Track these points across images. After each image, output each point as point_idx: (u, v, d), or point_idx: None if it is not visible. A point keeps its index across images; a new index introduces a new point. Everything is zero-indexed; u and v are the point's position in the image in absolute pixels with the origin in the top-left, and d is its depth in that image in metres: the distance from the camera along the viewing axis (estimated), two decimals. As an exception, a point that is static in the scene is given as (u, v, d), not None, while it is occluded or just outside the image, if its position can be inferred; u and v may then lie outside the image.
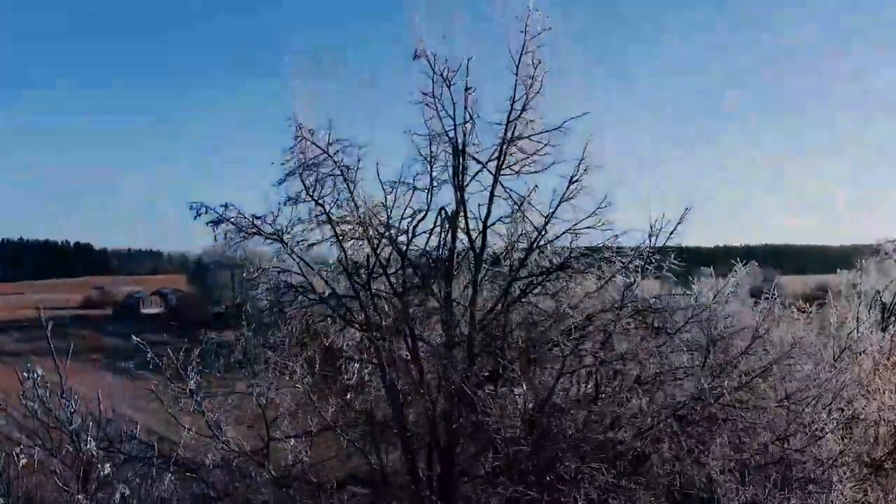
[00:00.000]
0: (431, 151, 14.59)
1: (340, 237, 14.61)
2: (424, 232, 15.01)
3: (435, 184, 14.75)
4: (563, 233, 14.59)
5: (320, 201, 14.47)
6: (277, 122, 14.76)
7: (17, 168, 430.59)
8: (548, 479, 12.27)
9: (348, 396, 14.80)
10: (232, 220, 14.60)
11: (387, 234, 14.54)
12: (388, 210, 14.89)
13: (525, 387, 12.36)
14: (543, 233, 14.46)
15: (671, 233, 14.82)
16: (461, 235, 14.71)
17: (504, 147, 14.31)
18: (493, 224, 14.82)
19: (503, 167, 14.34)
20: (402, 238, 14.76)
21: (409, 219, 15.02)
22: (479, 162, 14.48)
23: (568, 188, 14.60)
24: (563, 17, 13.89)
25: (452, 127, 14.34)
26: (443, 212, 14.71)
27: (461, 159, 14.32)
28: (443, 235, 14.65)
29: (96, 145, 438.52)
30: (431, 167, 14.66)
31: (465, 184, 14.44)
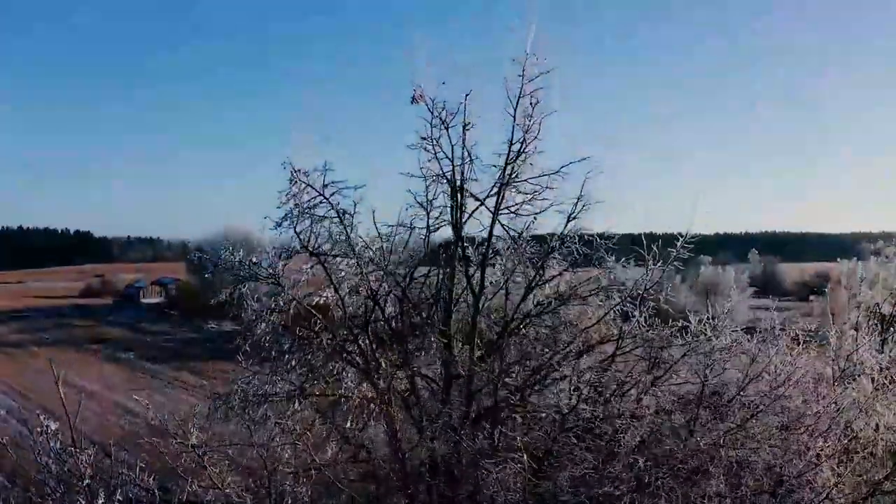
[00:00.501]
0: (428, 194, 14.66)
1: (337, 285, 14.67)
2: (422, 274, 15.07)
3: (433, 224, 14.80)
4: (562, 272, 14.65)
5: (315, 250, 14.54)
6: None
7: (18, 155, 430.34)
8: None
9: (348, 436, 14.87)
10: (229, 265, 14.70)
11: (385, 277, 14.58)
12: (386, 252, 14.94)
13: (520, 441, 12.39)
14: (541, 272, 14.52)
15: (672, 259, 14.91)
16: (459, 274, 14.76)
17: (502, 188, 14.36)
18: (491, 262, 14.87)
19: (501, 208, 14.39)
20: (401, 277, 14.79)
21: (408, 259, 15.09)
22: (477, 199, 14.51)
23: (566, 225, 14.71)
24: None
25: (451, 168, 14.38)
26: (441, 250, 14.79)
27: (459, 199, 14.37)
28: (441, 275, 14.72)
29: (100, 132, 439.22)
30: (429, 209, 14.72)
31: (464, 221, 14.49)
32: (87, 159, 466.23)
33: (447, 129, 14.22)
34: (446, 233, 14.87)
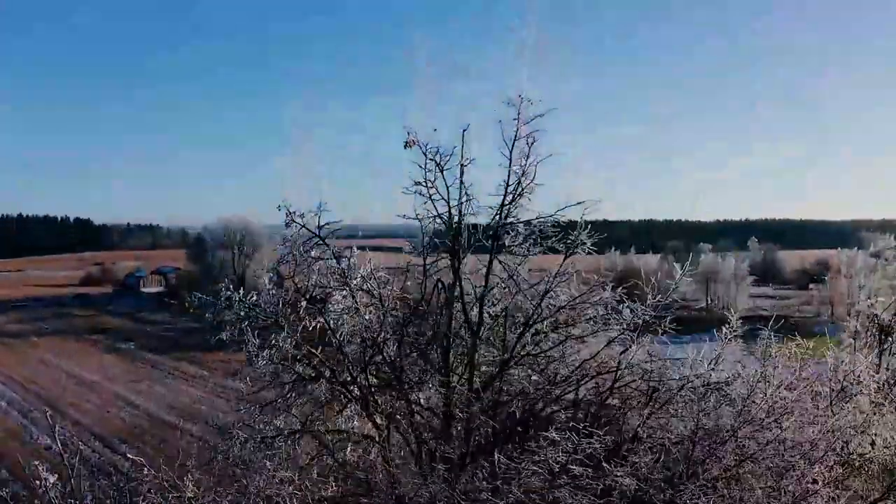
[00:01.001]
0: (424, 238, 14.61)
1: (335, 329, 14.62)
2: (421, 312, 15.00)
3: (430, 266, 14.72)
4: (559, 308, 14.54)
5: (313, 295, 14.50)
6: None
7: (18, 155, 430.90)
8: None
9: (349, 471, 14.83)
10: (232, 309, 14.66)
11: (384, 318, 14.50)
12: (385, 294, 14.88)
13: (520, 479, 12.32)
14: (539, 309, 14.44)
15: (673, 289, 14.88)
16: (458, 310, 14.72)
17: (498, 230, 14.27)
18: (489, 299, 14.82)
19: (498, 247, 14.32)
20: (399, 317, 14.75)
21: (406, 299, 15.02)
22: (475, 232, 14.43)
23: (563, 263, 14.69)
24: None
25: (447, 209, 14.29)
26: (439, 285, 14.69)
27: (456, 237, 14.28)
28: (439, 313, 14.64)
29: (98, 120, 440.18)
30: (425, 254, 14.65)
31: (462, 258, 14.39)
32: (87, 159, 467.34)
33: (442, 171, 14.09)
34: (444, 263, 14.76)
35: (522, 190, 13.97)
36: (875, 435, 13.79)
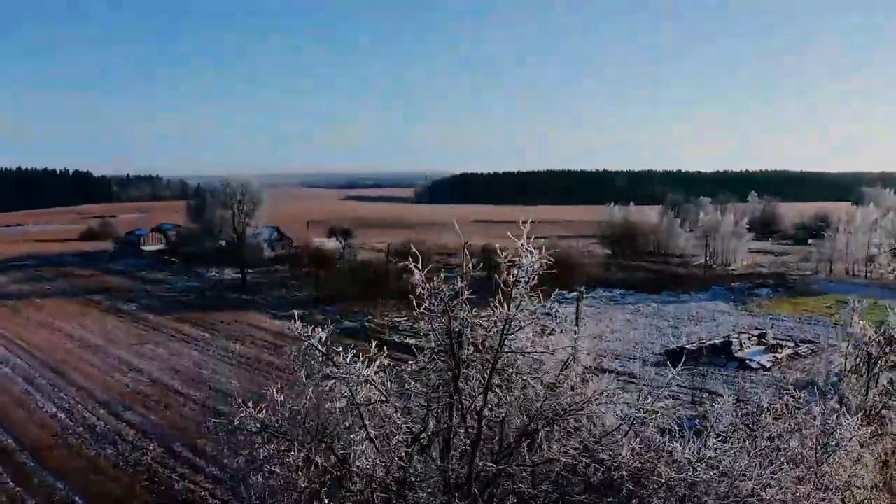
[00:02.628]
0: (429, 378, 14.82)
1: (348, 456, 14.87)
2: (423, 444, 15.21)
3: (432, 397, 14.86)
4: (554, 418, 14.66)
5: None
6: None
7: (16, 96, 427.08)
8: None
9: None
10: (238, 422, 14.98)
11: (389, 463, 14.69)
12: (389, 433, 15.12)
13: None
14: (536, 423, 14.61)
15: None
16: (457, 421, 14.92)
17: (496, 359, 14.30)
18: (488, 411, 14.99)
19: (493, 375, 14.41)
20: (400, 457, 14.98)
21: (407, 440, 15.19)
22: (475, 348, 14.52)
23: (557, 379, 14.88)
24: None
25: (449, 345, 14.35)
26: (438, 400, 14.86)
27: (458, 369, 14.35)
28: (440, 432, 14.80)
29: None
30: (429, 393, 14.81)
31: (461, 374, 14.46)
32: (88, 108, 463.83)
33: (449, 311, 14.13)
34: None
35: (510, 330, 14.00)
36: (856, 497, 14.00)
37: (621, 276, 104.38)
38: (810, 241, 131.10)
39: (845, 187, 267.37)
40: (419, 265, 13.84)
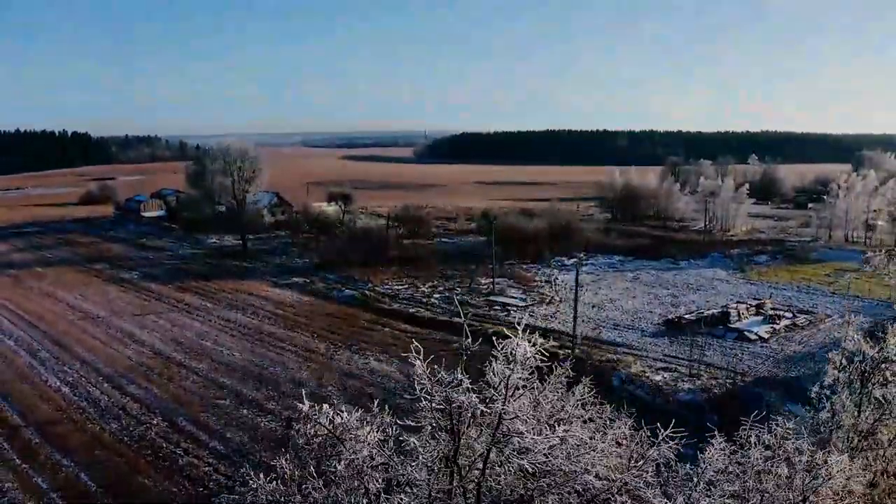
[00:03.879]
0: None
1: None
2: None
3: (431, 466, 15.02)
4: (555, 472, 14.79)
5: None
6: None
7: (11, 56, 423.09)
8: None
9: None
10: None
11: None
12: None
13: None
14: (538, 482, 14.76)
15: None
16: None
17: (500, 422, 14.36)
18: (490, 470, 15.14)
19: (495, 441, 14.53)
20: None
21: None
22: (478, 402, 14.61)
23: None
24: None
25: (448, 421, 14.49)
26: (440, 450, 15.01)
27: (458, 437, 14.46)
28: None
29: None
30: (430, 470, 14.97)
31: (462, 433, 14.57)
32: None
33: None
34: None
35: (511, 395, 14.11)
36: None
37: (621, 242, 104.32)
38: (810, 205, 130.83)
39: (847, 148, 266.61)
40: (420, 358, 13.89)
